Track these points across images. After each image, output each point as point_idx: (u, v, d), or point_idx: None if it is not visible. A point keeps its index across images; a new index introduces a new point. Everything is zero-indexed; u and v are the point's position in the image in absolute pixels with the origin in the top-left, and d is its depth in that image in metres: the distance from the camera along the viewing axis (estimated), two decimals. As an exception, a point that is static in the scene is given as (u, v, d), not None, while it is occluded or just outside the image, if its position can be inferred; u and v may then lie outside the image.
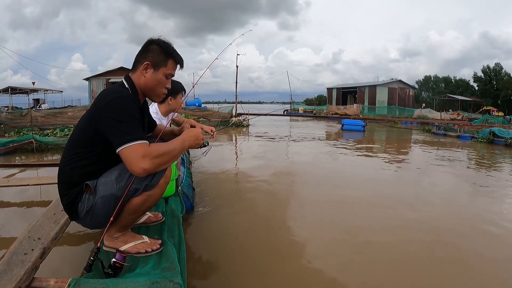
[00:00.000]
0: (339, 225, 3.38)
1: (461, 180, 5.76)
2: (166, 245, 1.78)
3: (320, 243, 2.94)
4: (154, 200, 1.71)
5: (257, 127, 16.76)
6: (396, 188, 5.09)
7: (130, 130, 1.49)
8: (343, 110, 31.61)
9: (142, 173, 1.48)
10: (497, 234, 3.20)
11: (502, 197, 4.66)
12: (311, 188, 4.85)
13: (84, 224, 1.70)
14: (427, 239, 3.04)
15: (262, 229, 3.23)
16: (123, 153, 1.47)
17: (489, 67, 51.56)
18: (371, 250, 2.78)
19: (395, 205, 4.05)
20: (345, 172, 6.35)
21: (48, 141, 8.00)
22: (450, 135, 13.78)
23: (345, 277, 2.35)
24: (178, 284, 1.33)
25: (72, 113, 14.23)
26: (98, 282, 1.33)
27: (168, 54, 1.74)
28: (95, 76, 35.64)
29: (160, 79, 1.74)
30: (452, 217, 3.66)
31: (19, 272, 1.40)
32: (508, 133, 11.28)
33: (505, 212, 3.92)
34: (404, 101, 40.24)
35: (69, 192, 1.62)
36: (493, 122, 19.79)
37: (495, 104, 42.27)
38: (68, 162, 1.63)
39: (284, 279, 2.31)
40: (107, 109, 1.52)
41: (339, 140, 11.92)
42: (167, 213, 2.34)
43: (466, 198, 4.63)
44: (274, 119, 23.75)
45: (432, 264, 2.53)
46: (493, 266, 2.57)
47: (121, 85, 1.70)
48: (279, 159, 7.73)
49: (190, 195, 3.49)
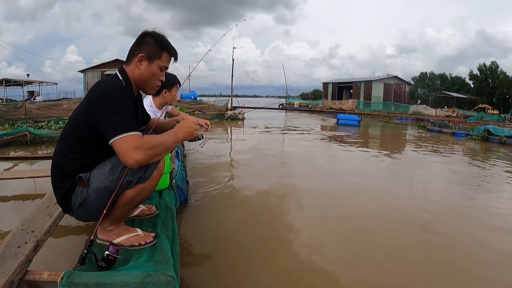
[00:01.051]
0: (333, 218, 3.40)
1: (456, 176, 5.81)
2: (160, 238, 1.78)
3: (314, 236, 2.97)
4: (147, 192, 1.71)
5: (252, 121, 16.74)
6: (391, 182, 5.15)
7: (123, 121, 1.49)
8: (338, 105, 31.66)
9: (135, 165, 1.48)
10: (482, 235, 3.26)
11: (497, 196, 4.71)
12: (306, 181, 4.87)
13: (78, 217, 1.70)
14: (419, 232, 3.08)
15: (256, 222, 3.25)
16: (115, 144, 1.47)
17: (485, 65, 51.69)
18: (365, 244, 2.82)
19: (389, 201, 4.10)
20: (340, 165, 6.38)
21: (42, 133, 7.94)
22: (445, 131, 13.84)
23: (337, 270, 2.38)
24: (171, 277, 1.34)
25: (67, 106, 14.10)
26: (91, 274, 1.33)
27: (163, 47, 1.74)
28: (90, 68, 35.30)
29: (155, 72, 1.74)
30: (444, 212, 3.71)
31: (13, 265, 1.41)
32: (502, 131, 11.34)
33: (501, 212, 3.97)
34: (400, 97, 40.31)
35: (63, 185, 1.62)
36: (488, 120, 19.92)
37: (490, 102, 42.49)
38: (61, 155, 1.63)
39: (277, 271, 2.33)
40: (100, 101, 1.52)
41: (334, 134, 11.94)
42: (161, 206, 2.35)
43: (459, 193, 4.68)
44: (269, 113, 23.72)
45: (428, 261, 2.57)
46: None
47: (115, 77, 1.70)
48: (274, 152, 7.75)
49: (184, 188, 3.49)
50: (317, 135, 11.68)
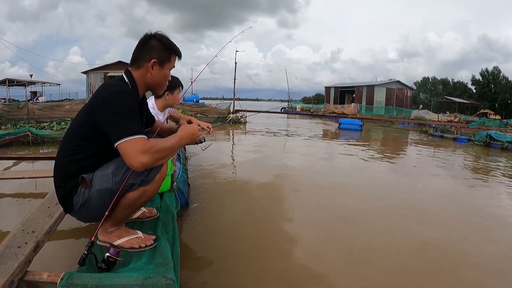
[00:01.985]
0: (334, 224, 3.40)
1: (457, 181, 5.78)
2: (160, 240, 1.78)
3: (313, 241, 2.96)
4: (149, 195, 1.71)
5: (255, 124, 16.76)
6: (392, 187, 5.13)
7: (129, 124, 1.49)
8: (340, 109, 31.61)
9: (141, 168, 1.49)
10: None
11: (499, 200, 4.69)
12: (307, 187, 4.86)
13: (79, 218, 1.70)
14: (420, 241, 3.06)
15: (257, 226, 3.24)
16: (121, 147, 1.47)
17: (488, 70, 51.58)
18: (365, 248, 2.80)
19: (390, 205, 4.08)
20: (342, 171, 6.37)
21: (44, 134, 7.97)
22: (447, 137, 13.80)
23: (336, 274, 2.38)
24: (171, 279, 1.34)
25: (70, 106, 14.18)
26: (91, 276, 1.33)
27: (172, 50, 1.77)
28: (93, 69, 35.38)
29: (166, 75, 1.79)
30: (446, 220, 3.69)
31: (12, 265, 1.40)
32: (504, 137, 11.28)
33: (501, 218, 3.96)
34: (402, 101, 40.24)
35: (65, 185, 1.62)
36: (490, 125, 19.84)
37: (493, 107, 42.35)
38: (65, 155, 1.63)
39: (276, 275, 2.32)
40: (106, 103, 1.52)
41: (336, 139, 11.93)
42: (161, 208, 2.34)
43: (463, 197, 4.66)
44: (271, 116, 23.71)
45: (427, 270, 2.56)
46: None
47: (120, 80, 1.70)
48: (276, 156, 7.76)
49: (186, 191, 3.49)
50: (319, 140, 11.67)
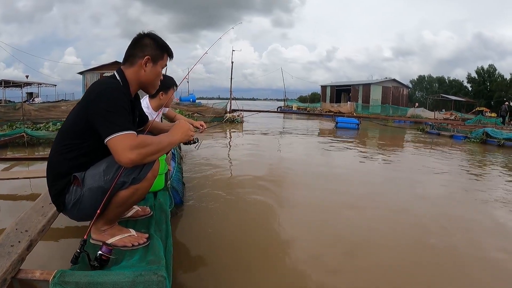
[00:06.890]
0: (329, 222, 3.42)
1: (456, 179, 5.82)
2: (153, 238, 1.79)
3: (310, 240, 2.98)
4: (141, 193, 1.73)
5: (251, 124, 16.76)
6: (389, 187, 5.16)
7: (119, 120, 1.51)
8: (336, 108, 31.70)
9: (129, 164, 1.50)
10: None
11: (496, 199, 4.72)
12: (302, 184, 4.88)
13: (71, 216, 1.71)
14: (419, 242, 3.09)
15: (252, 225, 3.25)
16: (110, 143, 1.48)
17: (483, 68, 51.75)
18: (362, 251, 2.80)
19: (385, 206, 4.11)
20: (338, 170, 6.39)
21: (39, 135, 7.94)
22: (444, 134, 13.85)
23: (334, 277, 2.38)
24: (162, 276, 1.35)
25: (66, 107, 14.14)
26: (83, 274, 1.34)
27: (164, 48, 1.80)
28: (89, 70, 35.28)
29: (159, 72, 1.82)
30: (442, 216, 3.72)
31: (5, 263, 1.41)
32: (501, 134, 11.37)
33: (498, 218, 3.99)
34: (398, 100, 40.38)
35: (57, 183, 1.63)
36: (486, 123, 19.94)
37: (488, 105, 42.54)
38: (57, 154, 1.64)
39: (271, 274, 2.34)
40: (97, 100, 1.54)
41: (333, 137, 11.96)
42: (155, 207, 2.36)
43: (460, 195, 4.69)
44: (268, 116, 23.71)
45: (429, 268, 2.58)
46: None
47: (112, 77, 1.73)
48: (271, 154, 7.78)
49: (180, 189, 3.50)
50: (316, 139, 11.70)
